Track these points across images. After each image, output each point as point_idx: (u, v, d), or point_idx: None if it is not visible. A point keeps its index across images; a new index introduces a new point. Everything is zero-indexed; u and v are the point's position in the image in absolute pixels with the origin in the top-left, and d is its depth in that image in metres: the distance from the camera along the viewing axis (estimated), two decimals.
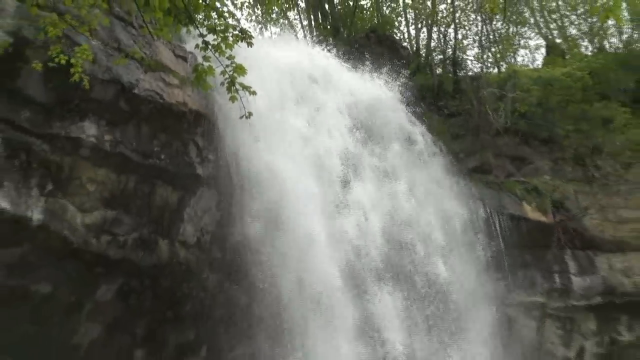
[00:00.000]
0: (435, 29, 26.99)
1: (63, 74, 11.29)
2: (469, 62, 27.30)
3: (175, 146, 16.97)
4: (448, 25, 27.57)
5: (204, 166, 17.28)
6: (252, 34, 9.55)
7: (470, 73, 26.86)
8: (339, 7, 26.24)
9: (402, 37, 27.08)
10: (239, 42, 9.00)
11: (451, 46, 27.74)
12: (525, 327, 22.48)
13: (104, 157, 16.02)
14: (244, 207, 17.93)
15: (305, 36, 25.18)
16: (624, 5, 23.88)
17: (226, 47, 8.79)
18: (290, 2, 22.93)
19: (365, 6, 27.62)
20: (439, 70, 25.69)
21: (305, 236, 18.23)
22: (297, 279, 18.32)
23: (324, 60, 23.26)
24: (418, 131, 22.38)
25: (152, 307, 17.38)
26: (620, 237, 23.61)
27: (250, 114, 9.58)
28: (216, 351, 18.63)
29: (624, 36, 27.65)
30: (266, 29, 23.80)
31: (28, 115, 15.20)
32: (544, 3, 29.05)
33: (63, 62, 10.61)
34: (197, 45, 9.16)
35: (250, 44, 9.10)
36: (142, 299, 17.29)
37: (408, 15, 27.43)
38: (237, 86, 8.87)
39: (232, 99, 9.00)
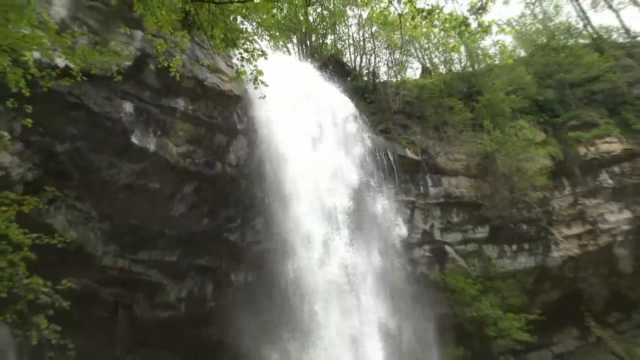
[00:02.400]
0: (364, 57, 26.73)
1: (166, 72, 11.31)
2: (381, 74, 27.06)
3: (226, 113, 18.05)
4: (371, 55, 26.55)
5: (240, 124, 18.46)
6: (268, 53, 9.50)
7: (382, 80, 26.05)
8: (314, 42, 25.38)
9: (347, 60, 26.39)
10: (260, 57, 8.94)
11: (372, 65, 27.05)
12: (404, 214, 22.76)
13: (188, 118, 17.10)
14: (259, 146, 18.33)
15: (298, 57, 24.63)
16: (462, 47, 23.73)
17: (253, 60, 8.78)
18: (288, 38, 22.47)
19: (328, 43, 26.58)
20: (365, 78, 25.29)
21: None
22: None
23: (309, 69, 22.21)
24: (353, 110, 21.43)
25: (212, 197, 18.42)
26: (455, 168, 25.06)
27: (264, 96, 9.60)
28: (244, 220, 19.20)
29: (462, 64, 27.28)
30: (274, 52, 23.24)
31: (148, 94, 16.16)
32: (420, 44, 28.31)
33: (165, 64, 10.46)
34: (238, 58, 9.04)
35: (265, 58, 9.07)
36: (207, 193, 18.22)
37: (350, 49, 26.74)
38: (259, 81, 8.88)
39: (255, 87, 9.02)
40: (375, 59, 30.22)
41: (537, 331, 22.58)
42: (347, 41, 31.18)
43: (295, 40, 29.31)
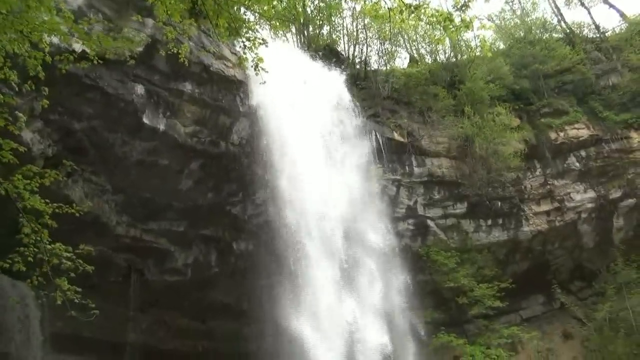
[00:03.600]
0: (357, 46, 26.91)
1: (175, 57, 11.12)
2: (372, 63, 27.07)
3: (229, 96, 17.88)
4: (363, 45, 26.66)
5: (243, 107, 18.24)
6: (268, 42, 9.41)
7: (373, 68, 25.85)
8: (312, 32, 25.08)
9: (342, 49, 26.20)
10: (261, 45, 8.85)
11: (364, 55, 27.67)
12: (390, 190, 22.65)
13: (195, 100, 16.98)
14: (259, 125, 18.10)
15: (296, 46, 24.38)
16: (447, 40, 23.70)
17: (255, 48, 8.67)
18: (287, 28, 22.24)
19: (324, 33, 26.58)
20: (357, 67, 25.07)
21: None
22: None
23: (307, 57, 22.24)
24: (348, 95, 21.58)
25: (216, 173, 18.48)
26: (437, 150, 25.07)
27: (265, 81, 9.51)
28: (245, 195, 19.20)
29: (446, 55, 27.17)
30: (274, 41, 22.95)
31: (158, 77, 16.02)
32: (409, 36, 28.14)
33: (175, 51, 10.34)
34: (241, 46, 8.97)
35: (266, 46, 8.97)
36: (211, 169, 18.22)
37: (345, 39, 26.78)
38: (259, 67, 8.78)
39: (257, 73, 8.91)
40: (367, 48, 30.04)
41: (507, 297, 22.95)
42: (341, 32, 30.78)
43: (293, 30, 29.05)
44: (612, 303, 25.37)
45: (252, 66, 9.74)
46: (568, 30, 34.24)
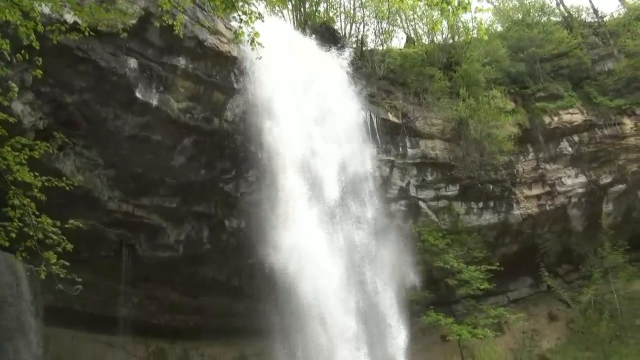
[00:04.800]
0: (354, 25, 26.46)
1: (169, 31, 11.00)
2: (369, 42, 26.63)
3: (224, 73, 17.42)
4: (360, 24, 26.42)
5: (237, 83, 17.84)
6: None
7: (369, 48, 25.52)
8: (308, 9, 24.58)
9: (338, 27, 25.67)
10: (257, 20, 8.65)
11: (361, 34, 27.50)
12: (384, 171, 22.81)
13: (188, 75, 16.57)
14: (252, 102, 17.79)
15: (293, 23, 23.92)
16: (444, 22, 23.37)
17: (251, 22, 8.47)
18: (284, 4, 21.80)
19: (321, 10, 25.91)
20: (354, 46, 24.73)
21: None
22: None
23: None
24: (345, 76, 21.49)
25: (209, 150, 18.18)
26: (432, 132, 24.94)
27: (260, 57, 9.32)
28: (238, 172, 18.99)
29: (443, 35, 26.91)
30: (270, 16, 22.49)
31: (151, 51, 15.64)
32: (406, 15, 27.74)
33: (169, 23, 10.12)
34: (237, 20, 8.75)
35: (262, 20, 8.76)
36: (205, 146, 17.91)
37: (341, 17, 26.22)
38: (255, 42, 8.61)
39: (252, 48, 8.75)
40: (364, 27, 29.54)
41: (495, 279, 23.29)
42: (338, 9, 30.27)
43: (290, 7, 28.62)
44: (597, 286, 25.90)
45: (247, 41, 9.57)
46: (566, 14, 34.05)
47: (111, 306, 18.34)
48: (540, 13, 33.79)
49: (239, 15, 9.48)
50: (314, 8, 28.39)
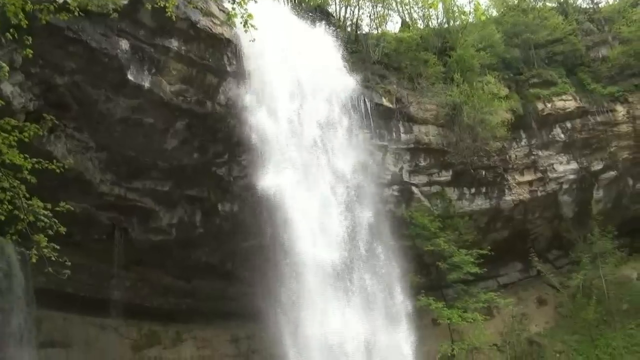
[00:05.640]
0: (348, 8, 25.97)
1: (161, 12, 10.72)
2: (363, 26, 26.54)
3: (217, 55, 17.30)
4: (355, 7, 26.15)
5: (230, 67, 17.75)
6: None
7: (363, 32, 25.38)
8: None
9: (333, 10, 25.37)
10: (250, 0, 8.57)
11: (355, 17, 26.89)
12: (376, 156, 22.56)
13: (181, 57, 16.51)
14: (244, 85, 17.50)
15: (287, 4, 23.56)
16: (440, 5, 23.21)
17: (244, 2, 8.35)
18: None
19: None
20: (348, 29, 24.43)
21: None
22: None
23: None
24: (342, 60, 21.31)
25: (202, 133, 18.20)
26: (425, 117, 24.74)
27: (254, 39, 9.18)
28: (231, 156, 18.91)
29: (438, 20, 26.73)
30: None
31: (143, 32, 15.58)
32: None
33: (162, 4, 9.93)
34: (230, 1, 8.63)
35: (255, 1, 8.66)
36: (197, 129, 17.92)
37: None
38: (249, 24, 8.49)
39: (245, 30, 8.63)
40: (358, 11, 29.14)
41: (486, 264, 23.47)
42: None
43: None
44: (586, 271, 26.27)
45: (241, 22, 9.43)
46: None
47: (104, 289, 18.38)
48: None
49: None
50: None
